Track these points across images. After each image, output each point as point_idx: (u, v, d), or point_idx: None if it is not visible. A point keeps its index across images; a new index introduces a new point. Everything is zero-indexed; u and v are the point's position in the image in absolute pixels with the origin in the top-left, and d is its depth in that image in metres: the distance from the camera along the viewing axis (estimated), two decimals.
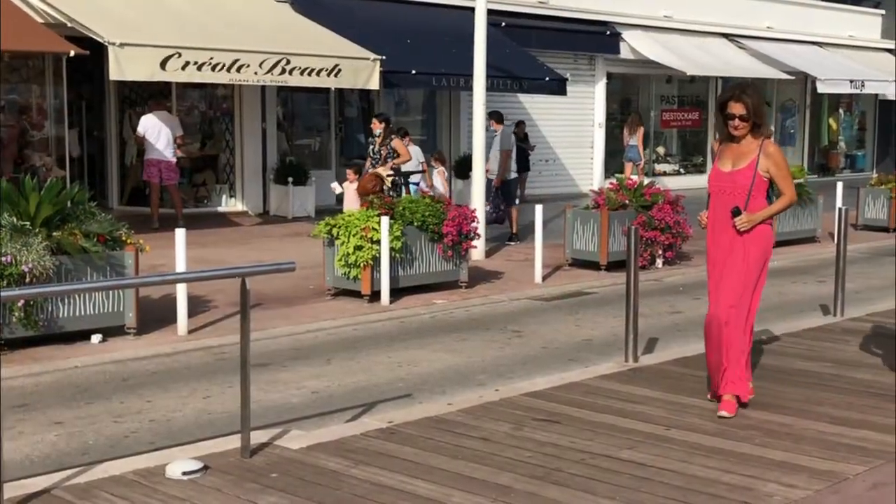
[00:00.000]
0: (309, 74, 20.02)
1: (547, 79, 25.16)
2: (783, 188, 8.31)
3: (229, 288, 13.11)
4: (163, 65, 18.20)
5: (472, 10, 18.15)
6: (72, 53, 17.71)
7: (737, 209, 8.08)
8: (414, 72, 22.40)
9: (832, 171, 36.69)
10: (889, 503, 6.35)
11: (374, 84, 21.10)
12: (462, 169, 25.07)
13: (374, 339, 12.08)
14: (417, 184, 18.84)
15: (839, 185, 20.87)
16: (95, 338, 11.53)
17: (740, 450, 7.28)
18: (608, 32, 29.65)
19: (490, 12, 18.66)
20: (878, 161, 38.93)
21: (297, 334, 12.26)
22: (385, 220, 13.71)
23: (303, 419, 8.77)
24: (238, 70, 19.06)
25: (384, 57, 20.97)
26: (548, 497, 6.39)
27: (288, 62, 19.62)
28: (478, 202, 17.63)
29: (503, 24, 25.34)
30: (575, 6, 28.53)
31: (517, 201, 20.21)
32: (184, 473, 6.72)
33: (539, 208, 16.04)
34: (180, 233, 11.84)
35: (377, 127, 17.34)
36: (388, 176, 16.88)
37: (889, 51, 38.22)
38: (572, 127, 29.70)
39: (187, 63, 18.44)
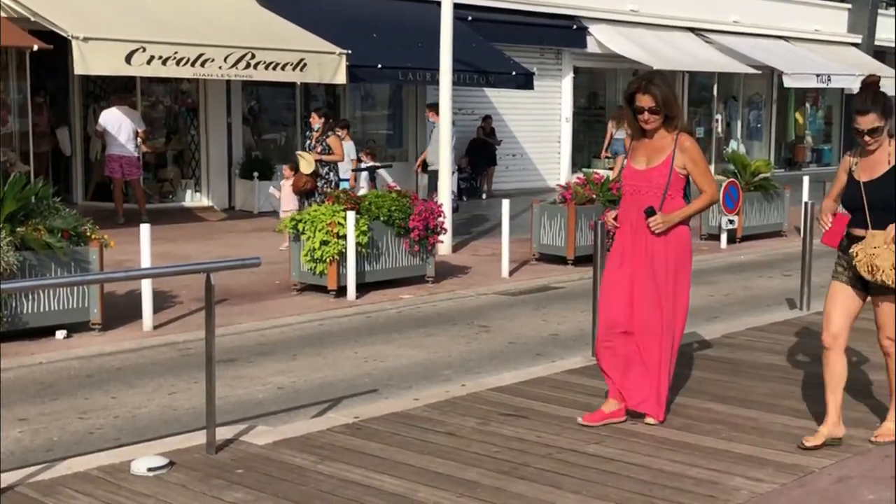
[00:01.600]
0: (274, 69, 19.96)
1: (514, 73, 25.13)
2: (702, 185, 7.61)
3: (195, 283, 13.06)
4: (128, 59, 18.10)
5: (439, 3, 18.13)
6: (35, 48, 17.60)
7: (650, 209, 7.46)
8: (380, 66, 22.33)
9: (799, 165, 36.81)
10: (854, 496, 6.37)
11: (340, 78, 21.06)
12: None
13: (341, 334, 12.06)
14: (347, 180, 18.77)
15: (805, 179, 20.95)
16: (60, 334, 11.47)
17: (706, 444, 7.29)
18: (575, 27, 29.63)
19: (456, 6, 18.63)
20: (845, 155, 39.07)
21: (263, 330, 12.22)
22: (351, 215, 13.68)
23: (268, 415, 8.75)
24: (203, 64, 18.99)
25: (350, 51, 20.93)
26: (514, 492, 6.38)
27: (253, 56, 19.55)
28: (444, 196, 17.63)
29: (470, 17, 25.29)
30: (541, 0, 28.52)
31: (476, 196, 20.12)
32: (149, 470, 6.69)
33: (506, 203, 16.03)
34: (145, 228, 11.78)
35: (316, 121, 17.22)
36: (316, 160, 16.73)
37: (855, 45, 38.39)
38: (539, 121, 29.69)
39: (152, 57, 18.34)
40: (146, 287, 12.09)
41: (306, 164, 16.79)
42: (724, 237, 19.38)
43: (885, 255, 6.93)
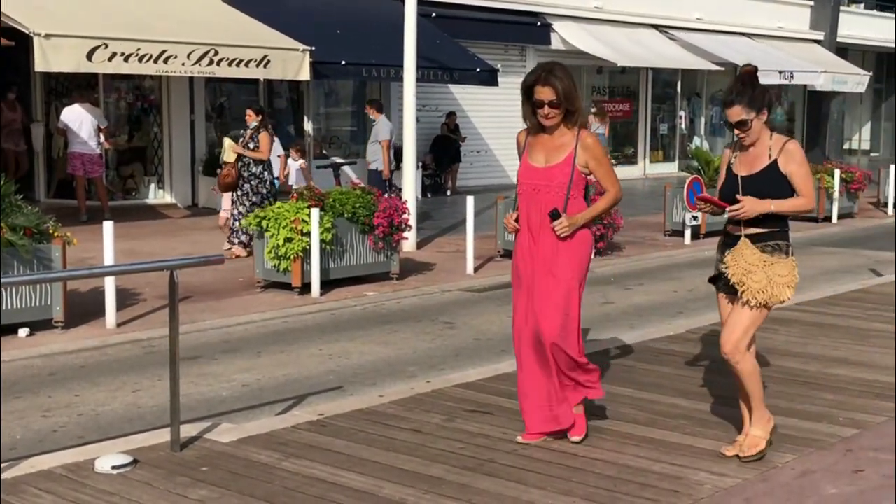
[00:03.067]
0: (237, 65, 19.90)
1: (478, 69, 25.13)
2: (606, 184, 7.22)
3: (158, 281, 13.00)
4: (89, 56, 17.98)
5: (403, 0, 18.10)
6: None
7: (555, 211, 6.99)
8: (344, 62, 22.31)
9: None
10: (816, 490, 6.40)
11: (304, 75, 21.01)
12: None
13: (305, 331, 12.04)
14: (277, 178, 18.73)
15: None
16: (23, 332, 11.40)
17: (671, 439, 7.32)
18: (539, 23, 29.68)
19: (420, 2, 18.61)
20: (807, 152, 39.23)
21: (227, 327, 12.19)
22: (315, 211, 13.65)
23: (233, 412, 8.72)
24: (165, 61, 18.88)
25: (313, 47, 20.87)
26: (479, 488, 6.39)
27: (216, 53, 19.47)
28: (409, 193, 17.61)
29: (434, 14, 25.31)
30: None
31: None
32: (113, 468, 6.66)
33: (470, 199, 16.05)
34: (108, 225, 11.72)
35: (252, 118, 17.08)
36: (238, 152, 16.63)
37: (818, 42, 38.58)
38: (503, 118, 29.60)
39: (114, 54, 18.23)
40: (109, 285, 12.03)
41: (227, 152, 16.77)
42: (687, 233, 19.46)
43: (757, 276, 6.83)
